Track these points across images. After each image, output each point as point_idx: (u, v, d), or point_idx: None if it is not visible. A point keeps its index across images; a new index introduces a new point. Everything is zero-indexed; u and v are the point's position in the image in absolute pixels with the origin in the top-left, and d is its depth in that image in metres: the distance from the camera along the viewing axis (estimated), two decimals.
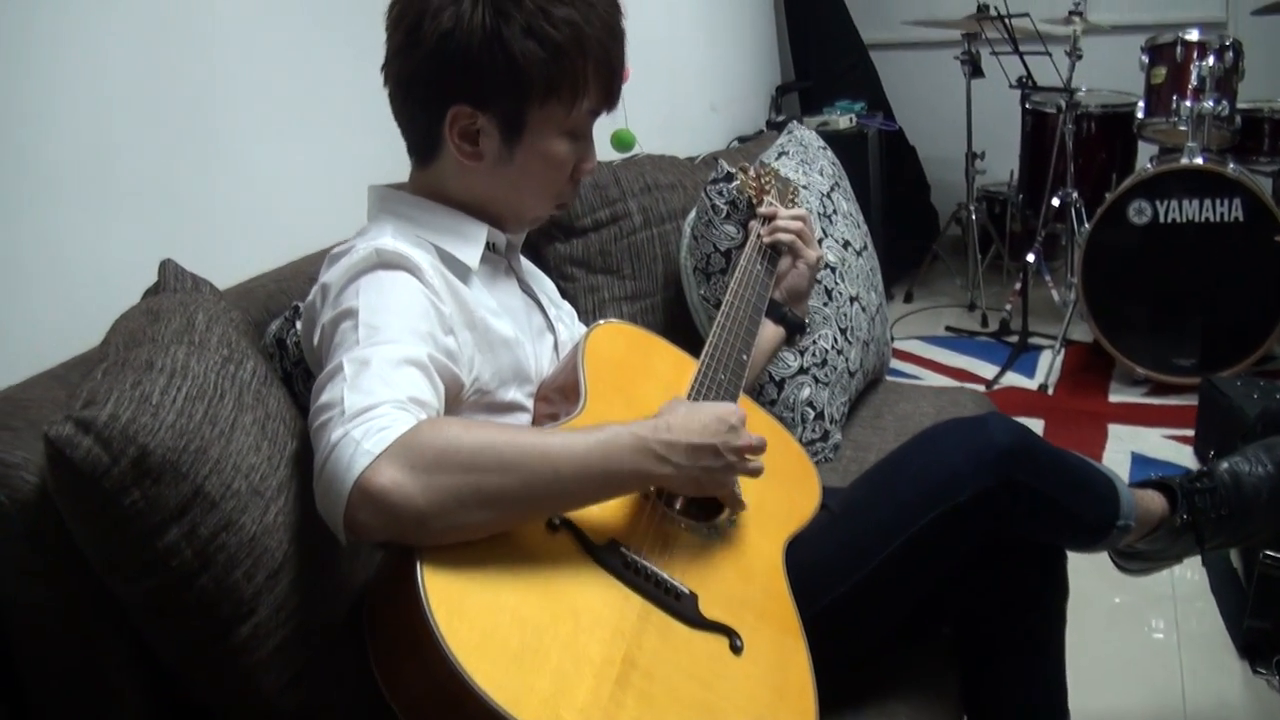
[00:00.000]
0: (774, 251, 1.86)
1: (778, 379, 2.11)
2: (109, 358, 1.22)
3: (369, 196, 1.53)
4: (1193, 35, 3.89)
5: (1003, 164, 4.87)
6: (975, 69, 4.56)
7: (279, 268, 1.81)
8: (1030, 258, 4.29)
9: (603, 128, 1.51)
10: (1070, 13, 4.15)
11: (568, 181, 1.53)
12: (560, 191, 1.54)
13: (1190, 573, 2.61)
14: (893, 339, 3.89)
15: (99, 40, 1.75)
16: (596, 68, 1.42)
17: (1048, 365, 4.03)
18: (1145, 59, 4.04)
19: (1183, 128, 3.80)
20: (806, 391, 2.13)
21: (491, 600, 1.08)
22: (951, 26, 4.55)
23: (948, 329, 4.66)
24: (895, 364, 4.03)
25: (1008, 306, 4.46)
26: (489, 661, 1.02)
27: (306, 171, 2.18)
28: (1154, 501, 1.70)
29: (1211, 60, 3.76)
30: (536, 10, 1.36)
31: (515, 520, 1.16)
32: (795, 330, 1.94)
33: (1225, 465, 1.76)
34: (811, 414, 2.13)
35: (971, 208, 4.77)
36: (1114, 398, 3.81)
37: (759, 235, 1.87)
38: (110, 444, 1.05)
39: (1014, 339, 4.34)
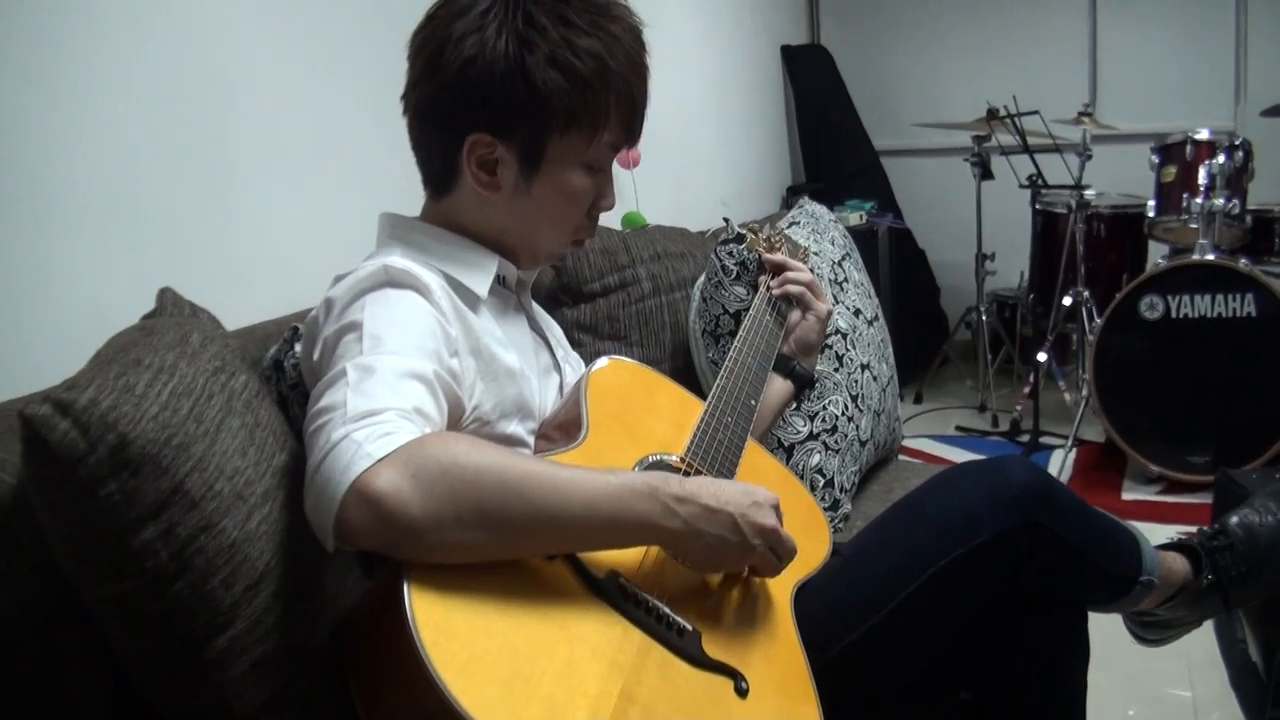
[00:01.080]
0: (783, 303, 1.82)
1: (787, 444, 2.06)
2: (96, 358, 1.18)
3: (379, 223, 1.49)
4: (1203, 135, 3.91)
5: (1012, 267, 4.88)
6: (985, 171, 4.59)
7: (281, 317, 1.78)
8: (1042, 356, 4.26)
9: (614, 211, 1.50)
10: (1080, 113, 4.19)
11: (585, 216, 1.49)
12: (577, 227, 1.50)
13: (1209, 688, 2.51)
14: (903, 436, 3.86)
15: (122, 78, 1.77)
16: (619, 101, 1.40)
17: (1060, 463, 3.97)
18: (1155, 159, 4.06)
19: (1194, 225, 3.81)
20: (816, 458, 2.07)
21: (481, 624, 1.02)
22: (962, 128, 4.58)
23: (958, 429, 4.61)
24: (904, 460, 3.98)
25: (1018, 407, 4.42)
26: (477, 685, 0.95)
27: (316, 225, 2.17)
28: (1176, 562, 1.64)
29: (1222, 159, 3.77)
30: (561, 40, 1.34)
31: (511, 549, 1.10)
32: (804, 385, 1.89)
33: (1236, 519, 1.71)
34: (821, 481, 2.07)
35: (981, 309, 4.75)
36: (1127, 495, 3.75)
37: (768, 287, 1.84)
38: (88, 429, 1.00)
39: (1025, 438, 4.28)
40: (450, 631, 0.98)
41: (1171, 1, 5.14)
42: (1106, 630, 1.67)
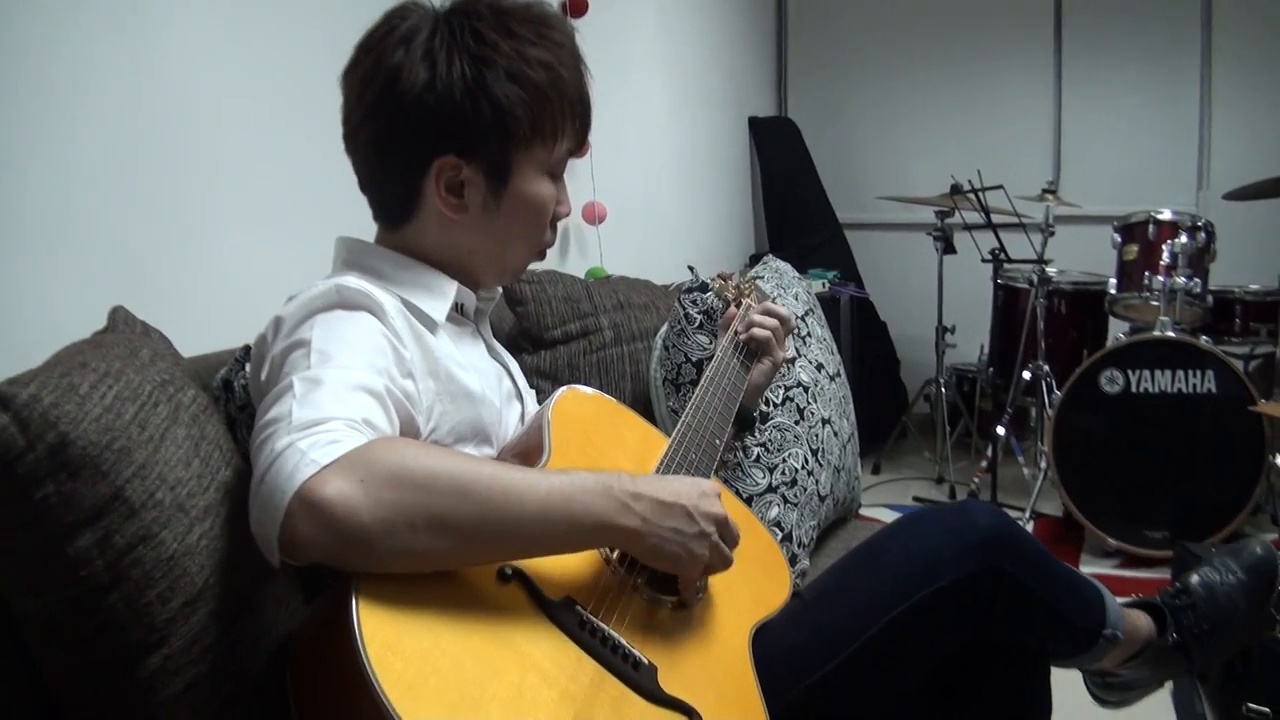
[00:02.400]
0: (750, 347, 1.80)
1: (745, 496, 2.03)
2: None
3: (335, 246, 1.46)
4: (1166, 215, 3.96)
5: (972, 340, 4.90)
6: (948, 245, 4.62)
7: (235, 349, 1.75)
8: (1000, 430, 4.26)
9: (579, 265, 1.48)
10: (1043, 190, 4.23)
11: (547, 227, 1.48)
12: (542, 238, 1.49)
13: None
14: (862, 500, 3.81)
15: (87, 105, 1.76)
16: (572, 106, 1.41)
17: None
18: (1118, 237, 4.09)
19: (1155, 302, 3.84)
20: (775, 511, 2.04)
21: (431, 644, 0.98)
22: (926, 203, 4.61)
23: (915, 499, 4.59)
24: (863, 524, 3.95)
25: (975, 480, 4.40)
26: (423, 705, 0.91)
27: (274, 258, 2.14)
28: (1140, 619, 1.62)
29: (1184, 239, 3.81)
30: (514, 54, 1.34)
31: (466, 555, 1.06)
32: (746, 425, 1.87)
33: (1196, 578, 1.70)
34: (779, 534, 2.04)
35: (941, 382, 4.77)
36: (1085, 569, 3.67)
37: (735, 331, 1.81)
38: (28, 425, 0.97)
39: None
40: (398, 649, 0.95)
41: (1136, 85, 5.25)
42: (1064, 700, 1.64)
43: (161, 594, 1.05)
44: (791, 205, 5.50)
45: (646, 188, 4.14)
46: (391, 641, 0.95)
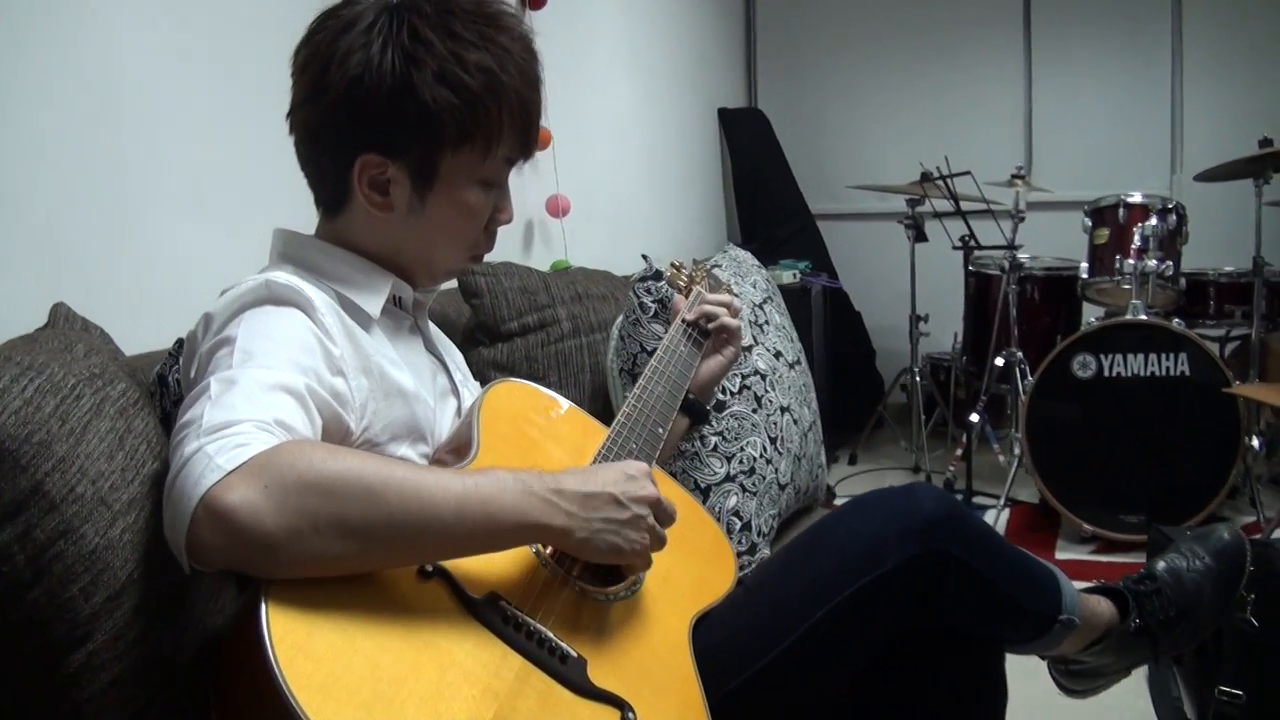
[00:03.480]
0: (699, 335, 1.79)
1: (703, 486, 2.03)
2: None
3: (272, 239, 1.44)
4: (1136, 198, 3.96)
5: (946, 329, 4.91)
6: (919, 233, 4.61)
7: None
8: (974, 417, 4.26)
9: (543, 258, 1.46)
10: (1013, 176, 4.22)
11: (482, 232, 1.45)
12: (475, 242, 1.46)
13: None
14: (835, 495, 3.81)
15: (23, 97, 1.73)
16: (512, 115, 1.36)
17: (993, 523, 3.94)
18: (1088, 222, 4.10)
19: (1126, 286, 3.84)
20: (733, 500, 2.04)
21: (343, 643, 0.97)
22: (896, 191, 4.61)
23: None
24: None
25: (951, 468, 4.41)
26: (334, 706, 0.90)
27: (220, 260, 2.11)
28: (1101, 605, 1.61)
29: (1155, 221, 3.82)
30: (449, 55, 1.30)
31: (381, 559, 1.05)
32: (700, 418, 1.85)
33: (1162, 564, 1.68)
34: (738, 524, 2.03)
35: (915, 371, 4.77)
36: (1061, 555, 3.72)
37: (683, 319, 1.80)
38: None
39: (958, 498, 4.25)
40: (309, 650, 0.93)
41: (1107, 68, 5.26)
42: (1031, 688, 1.63)
43: (84, 589, 1.04)
44: (763, 196, 5.50)
45: (613, 180, 4.12)
46: (301, 643, 0.94)
